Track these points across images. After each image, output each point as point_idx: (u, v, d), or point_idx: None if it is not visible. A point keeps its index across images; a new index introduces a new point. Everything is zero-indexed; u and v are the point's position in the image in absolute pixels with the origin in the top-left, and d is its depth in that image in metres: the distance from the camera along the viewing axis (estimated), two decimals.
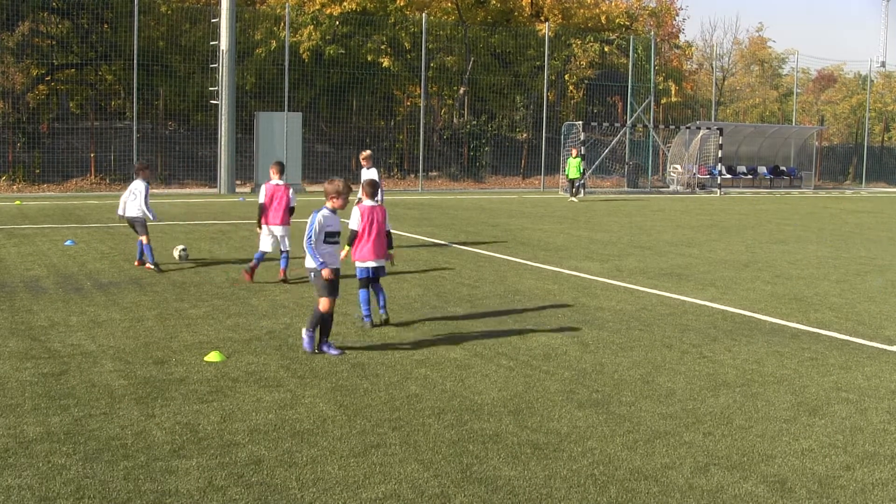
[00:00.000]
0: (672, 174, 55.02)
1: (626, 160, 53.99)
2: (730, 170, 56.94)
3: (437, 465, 7.74)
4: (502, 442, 8.33)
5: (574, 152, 40.76)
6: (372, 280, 13.17)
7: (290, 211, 16.97)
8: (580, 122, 49.60)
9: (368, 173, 26.47)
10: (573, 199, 39.15)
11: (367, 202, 13.06)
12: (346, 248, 12.96)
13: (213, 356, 11.00)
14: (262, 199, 16.81)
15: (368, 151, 21.64)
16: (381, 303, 13.26)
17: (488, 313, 14.27)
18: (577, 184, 41.35)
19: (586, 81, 58.49)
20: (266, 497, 6.98)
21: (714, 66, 71.86)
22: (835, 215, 37.11)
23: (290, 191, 17.17)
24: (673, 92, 61.32)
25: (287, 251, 16.98)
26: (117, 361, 10.78)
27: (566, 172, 41.45)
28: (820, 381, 10.81)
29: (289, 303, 14.72)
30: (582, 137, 47.90)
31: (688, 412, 9.38)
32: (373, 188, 13.26)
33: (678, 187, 53.48)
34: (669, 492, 7.31)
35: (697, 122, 57.48)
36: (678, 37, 69.31)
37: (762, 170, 59.32)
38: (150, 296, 15.05)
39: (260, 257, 16.89)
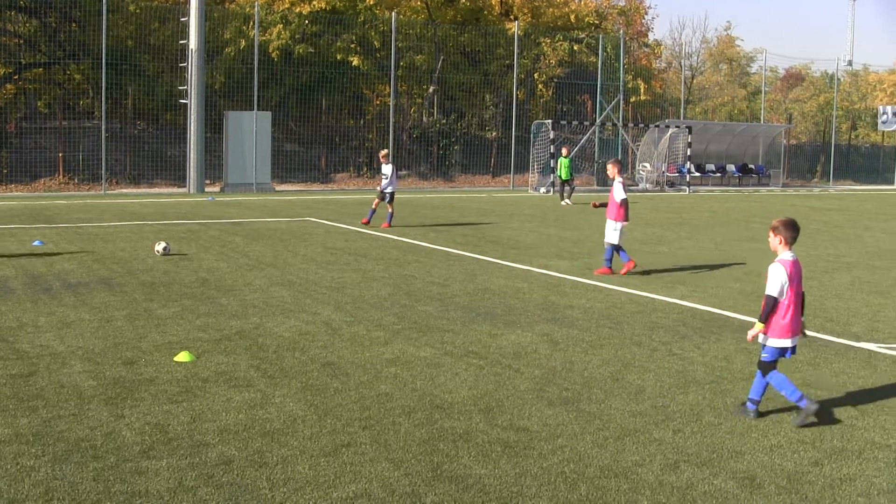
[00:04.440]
0: (641, 172, 55.15)
1: (596, 159, 54.08)
2: (699, 168, 57.15)
3: (407, 463, 7.74)
4: (473, 440, 8.34)
5: (565, 152, 40.28)
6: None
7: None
8: (549, 121, 49.70)
9: (386, 169, 26.76)
10: (565, 201, 38.70)
11: (787, 254, 9.54)
12: (760, 325, 9.35)
13: (182, 356, 10.97)
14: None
15: (385, 150, 22.25)
16: (756, 393, 9.46)
17: (458, 312, 14.27)
18: (568, 186, 39.98)
19: (556, 80, 58.60)
20: (236, 497, 6.97)
21: (683, 64, 72.14)
22: (803, 213, 37.27)
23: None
24: (642, 90, 61.46)
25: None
26: (86, 362, 10.73)
27: (558, 173, 40.68)
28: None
29: (259, 302, 14.68)
30: (551, 136, 47.96)
31: (658, 409, 9.41)
32: (796, 231, 9.62)
33: (647, 185, 53.64)
34: (639, 489, 7.34)
35: (666, 121, 57.67)
36: (647, 35, 69.57)
37: (731, 168, 59.56)
38: (120, 296, 14.98)
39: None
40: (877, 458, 8.24)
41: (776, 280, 9.23)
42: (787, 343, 9.21)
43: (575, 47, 58.26)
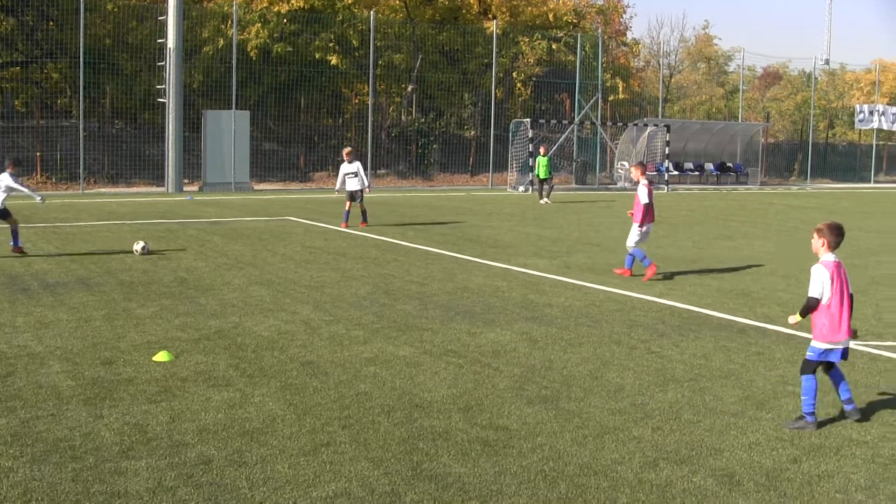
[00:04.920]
0: (619, 171, 55.23)
1: (574, 157, 54.13)
2: (677, 166, 57.24)
3: (387, 462, 7.75)
4: (452, 439, 8.35)
5: (543, 150, 40.16)
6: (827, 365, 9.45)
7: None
8: (528, 120, 49.72)
9: (351, 167, 26.51)
10: (544, 200, 38.62)
11: (830, 256, 9.60)
12: (799, 317, 9.47)
13: (161, 356, 10.95)
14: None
15: (350, 147, 22.08)
16: (844, 394, 9.35)
17: (437, 311, 14.28)
18: (546, 185, 39.62)
19: (534, 79, 58.61)
20: (216, 497, 6.96)
21: (661, 63, 72.29)
22: (780, 211, 37.42)
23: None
24: (620, 89, 61.55)
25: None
26: (65, 362, 10.70)
27: (536, 172, 40.51)
28: (767, 375, 10.91)
29: (237, 301, 14.66)
30: (530, 135, 47.99)
31: (636, 407, 9.44)
32: (840, 236, 9.71)
33: (626, 184, 53.69)
34: (619, 486, 7.36)
35: (645, 119, 57.80)
36: (625, 34, 69.65)
37: (709, 166, 59.68)
38: (98, 296, 14.94)
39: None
40: (854, 454, 8.29)
41: (817, 281, 9.28)
42: (828, 346, 9.17)
43: (553, 46, 58.28)
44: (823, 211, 38.15)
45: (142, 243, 19.56)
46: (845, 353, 9.27)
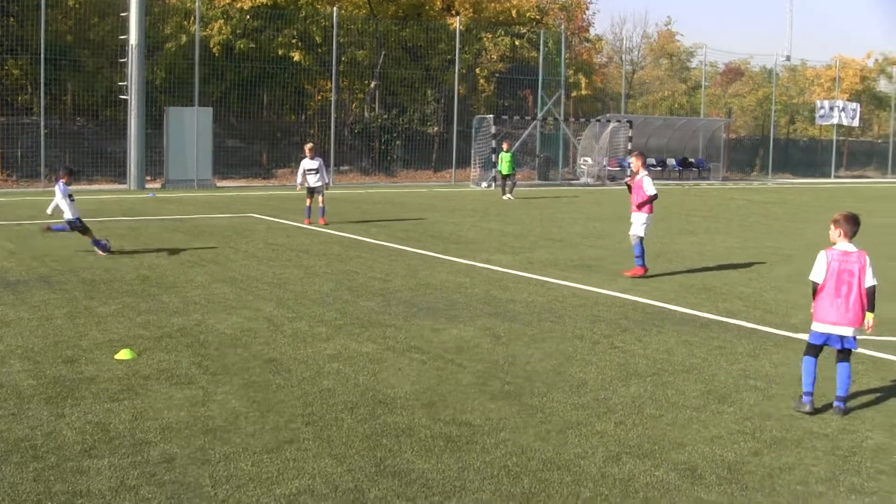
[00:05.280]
0: (582, 167, 55.36)
1: (537, 153, 54.22)
2: None
3: (350, 459, 7.75)
4: (415, 435, 8.36)
5: (506, 146, 40.13)
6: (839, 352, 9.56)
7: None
8: (491, 116, 49.77)
9: (313, 163, 26.36)
10: (507, 196, 38.57)
11: (841, 244, 9.66)
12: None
13: (123, 354, 10.90)
14: None
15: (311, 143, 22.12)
16: (838, 389, 9.52)
17: (400, 307, 14.29)
18: (509, 181, 39.46)
19: (497, 75, 58.65)
20: (179, 495, 6.94)
21: (623, 59, 72.48)
22: (742, 206, 37.63)
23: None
24: (583, 85, 61.63)
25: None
26: (26, 361, 10.64)
27: (499, 168, 40.44)
28: (729, 369, 10.99)
29: (200, 299, 14.60)
30: (493, 131, 48.04)
31: (599, 402, 9.48)
32: (856, 225, 9.69)
33: (588, 180, 53.84)
34: (582, 481, 7.39)
35: (607, 115, 57.94)
36: (588, 30, 69.72)
37: (671, 162, 59.95)
38: (60, 294, 14.85)
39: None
40: (815, 447, 8.36)
41: (817, 265, 9.60)
42: (823, 328, 9.48)
43: (516, 42, 58.33)
44: (784, 206, 38.40)
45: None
46: (848, 342, 9.44)
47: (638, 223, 17.84)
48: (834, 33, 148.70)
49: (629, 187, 18.28)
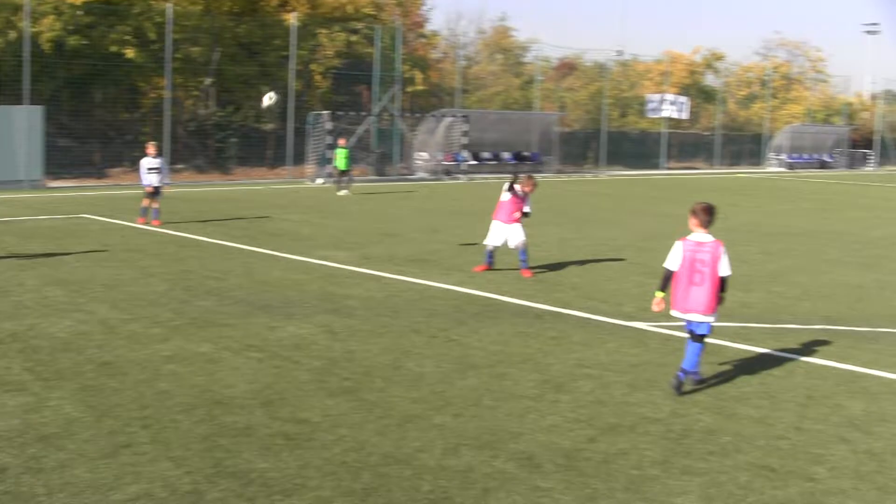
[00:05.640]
0: (418, 161, 55.58)
1: (373, 148, 54.27)
2: (475, 156, 57.89)
3: (188, 461, 7.67)
4: (254, 434, 8.31)
5: (342, 142, 40.00)
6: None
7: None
8: (327, 112, 49.64)
9: (155, 162, 25.84)
10: (343, 191, 38.37)
11: (697, 234, 10.05)
12: (661, 294, 10.12)
13: None
14: None
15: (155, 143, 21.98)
16: (686, 363, 10.12)
17: (236, 306, 14.17)
18: (345, 176, 39.18)
19: (333, 71, 58.52)
20: None
21: (459, 54, 72.97)
22: (576, 198, 38.22)
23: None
24: (419, 80, 61.88)
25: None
26: None
27: (335, 163, 40.21)
28: (564, 358, 11.18)
29: (31, 303, 14.25)
30: (329, 127, 47.91)
31: (437, 395, 9.55)
32: (710, 215, 10.09)
33: (424, 174, 54.08)
34: (421, 474, 7.44)
35: (443, 110, 58.26)
36: (424, 26, 70.06)
37: (506, 156, 60.58)
38: None
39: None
40: (648, 431, 8.57)
41: (672, 254, 10.01)
42: (679, 315, 10.01)
43: (352, 38, 58.27)
44: (616, 198, 39.11)
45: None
46: (699, 328, 9.91)
47: (519, 232, 18.12)
48: (664, 28, 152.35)
49: (511, 196, 18.54)
